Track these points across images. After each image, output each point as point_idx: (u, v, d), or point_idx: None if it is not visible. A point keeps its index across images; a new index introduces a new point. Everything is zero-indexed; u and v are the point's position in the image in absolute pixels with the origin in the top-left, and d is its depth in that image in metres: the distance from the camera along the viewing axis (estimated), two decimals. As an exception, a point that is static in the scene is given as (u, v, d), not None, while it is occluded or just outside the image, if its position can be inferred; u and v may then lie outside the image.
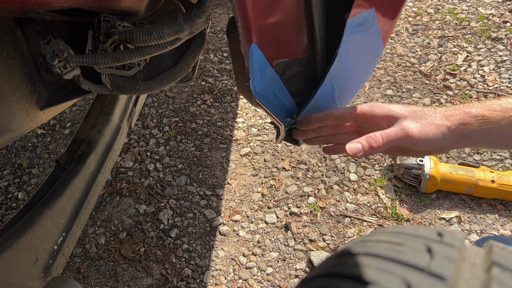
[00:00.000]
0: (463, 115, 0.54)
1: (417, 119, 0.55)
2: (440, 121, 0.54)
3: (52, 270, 0.69)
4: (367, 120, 0.59)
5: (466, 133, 0.53)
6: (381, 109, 0.57)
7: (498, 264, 0.34)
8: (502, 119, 0.52)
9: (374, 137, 0.53)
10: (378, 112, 0.57)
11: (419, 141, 0.53)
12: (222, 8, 2.41)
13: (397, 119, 0.55)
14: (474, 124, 0.53)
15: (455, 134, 0.54)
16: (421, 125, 0.54)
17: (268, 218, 1.36)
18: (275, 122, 0.68)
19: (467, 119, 0.53)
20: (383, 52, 2.00)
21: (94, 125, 0.89)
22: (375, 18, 0.58)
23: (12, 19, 0.52)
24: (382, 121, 0.57)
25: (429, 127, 0.53)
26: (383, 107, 0.57)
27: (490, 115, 0.52)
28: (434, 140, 0.53)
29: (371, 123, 0.59)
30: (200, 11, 0.45)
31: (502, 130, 0.52)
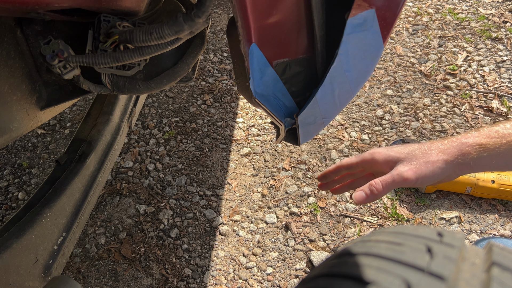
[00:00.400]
0: (460, 146, 0.56)
1: (412, 160, 0.58)
2: (436, 157, 0.57)
3: (52, 270, 0.69)
4: (372, 166, 0.64)
5: (466, 162, 0.55)
6: (381, 155, 0.62)
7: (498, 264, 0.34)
8: (501, 145, 0.54)
9: (374, 185, 0.58)
10: (378, 158, 0.62)
11: (416, 182, 0.57)
12: (222, 8, 2.41)
13: (395, 163, 0.60)
14: (473, 153, 0.55)
15: (454, 165, 0.56)
16: (415, 166, 0.57)
17: (268, 218, 1.36)
18: (275, 122, 0.68)
19: (465, 149, 0.55)
20: (383, 52, 2.00)
21: (94, 125, 0.89)
22: (375, 18, 0.58)
23: (12, 19, 0.52)
24: (384, 166, 0.62)
25: (424, 166, 0.57)
26: (382, 153, 0.62)
27: (487, 143, 0.54)
28: (432, 177, 0.56)
29: (376, 168, 0.64)
30: (200, 11, 0.45)
31: (501, 155, 0.54)
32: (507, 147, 0.54)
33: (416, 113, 1.69)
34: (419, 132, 1.61)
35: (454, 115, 1.66)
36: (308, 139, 0.74)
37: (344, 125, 1.68)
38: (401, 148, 0.60)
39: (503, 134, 0.54)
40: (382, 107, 1.74)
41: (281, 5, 0.53)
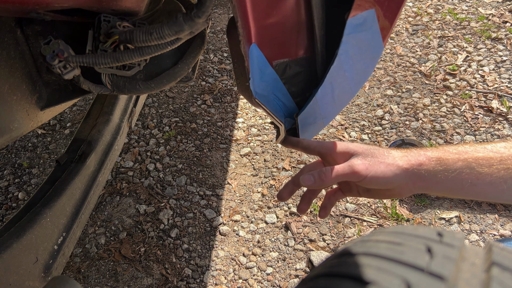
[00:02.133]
0: (417, 156, 0.55)
1: (367, 156, 0.57)
2: (391, 160, 0.56)
3: (52, 270, 0.69)
4: (328, 155, 0.62)
5: (421, 173, 0.54)
6: (340, 146, 0.61)
7: (498, 264, 0.34)
8: (457, 160, 0.53)
9: (324, 172, 0.57)
10: (337, 149, 0.61)
11: (366, 178, 0.55)
12: (222, 8, 2.41)
13: (351, 155, 0.59)
14: (429, 164, 0.54)
15: (408, 174, 0.55)
16: (369, 162, 0.56)
17: (268, 218, 1.36)
18: (275, 122, 0.68)
19: (422, 160, 0.55)
20: (383, 52, 2.00)
21: (94, 125, 0.89)
22: (375, 18, 0.58)
23: (12, 19, 0.52)
24: (339, 157, 0.61)
25: (377, 165, 0.55)
26: (341, 144, 0.61)
27: (445, 157, 0.54)
28: (383, 178, 0.55)
29: (331, 159, 0.62)
30: (200, 11, 0.45)
31: (457, 171, 0.53)
32: (462, 164, 0.53)
33: (416, 113, 1.69)
34: (419, 132, 1.61)
35: (454, 115, 1.66)
36: (308, 139, 0.74)
37: (344, 125, 1.68)
38: (361, 144, 0.60)
39: (461, 152, 0.55)
40: (382, 107, 1.74)
41: (281, 5, 0.53)
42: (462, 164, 0.53)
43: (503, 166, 0.52)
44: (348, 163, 0.57)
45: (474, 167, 0.52)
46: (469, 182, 0.52)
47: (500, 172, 0.52)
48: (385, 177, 0.54)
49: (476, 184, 0.52)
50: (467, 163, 0.53)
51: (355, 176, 0.56)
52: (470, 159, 0.53)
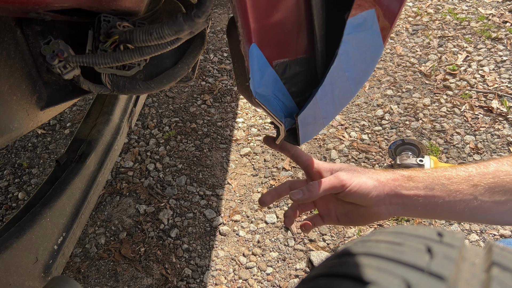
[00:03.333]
0: (393, 174, 0.61)
1: (351, 170, 0.64)
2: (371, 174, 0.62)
3: (52, 270, 0.69)
4: (315, 174, 0.68)
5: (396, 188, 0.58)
6: (325, 165, 0.68)
7: (498, 264, 0.34)
8: (428, 177, 0.58)
9: (312, 184, 0.62)
10: (322, 167, 0.68)
11: (350, 187, 0.60)
12: (222, 8, 2.41)
13: (336, 171, 0.65)
14: (401, 179, 0.59)
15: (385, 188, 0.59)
16: (353, 174, 0.63)
17: (268, 218, 1.36)
18: (275, 122, 0.68)
19: (396, 176, 0.60)
20: (383, 52, 2.00)
21: (94, 125, 0.89)
22: (375, 18, 0.58)
23: (12, 19, 0.52)
24: (326, 174, 0.67)
25: (360, 176, 0.62)
26: (326, 164, 0.68)
27: (415, 175, 0.59)
28: (365, 187, 0.59)
29: (317, 176, 0.68)
30: (200, 11, 0.45)
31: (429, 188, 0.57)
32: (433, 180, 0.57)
33: (416, 113, 1.69)
34: (419, 132, 1.61)
35: (454, 115, 1.66)
36: (308, 139, 0.74)
37: (344, 125, 1.68)
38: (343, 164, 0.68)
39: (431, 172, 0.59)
40: (382, 107, 1.74)
41: (281, 5, 0.53)
42: (433, 181, 0.57)
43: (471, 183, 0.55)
44: (333, 175, 0.63)
45: (445, 184, 0.56)
46: (441, 199, 0.55)
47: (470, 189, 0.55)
48: (366, 186, 0.59)
49: (448, 201, 0.55)
50: (438, 180, 0.57)
51: (340, 186, 0.60)
52: (440, 177, 0.57)
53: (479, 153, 1.51)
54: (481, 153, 1.51)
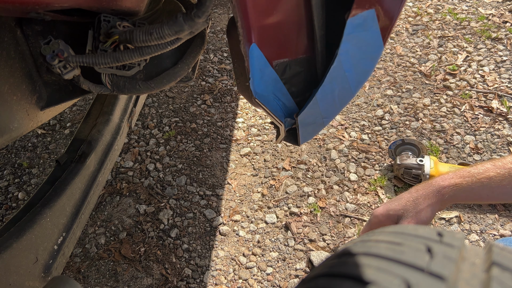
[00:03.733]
0: (438, 189, 0.72)
1: (407, 213, 0.73)
2: (423, 204, 0.72)
3: (52, 270, 0.69)
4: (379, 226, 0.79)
5: (445, 199, 0.71)
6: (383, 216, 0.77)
7: (498, 264, 0.34)
8: (473, 183, 0.68)
9: None
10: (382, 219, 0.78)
11: None
12: (222, 8, 2.41)
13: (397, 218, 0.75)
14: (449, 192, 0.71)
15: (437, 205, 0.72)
16: (413, 218, 0.72)
17: (268, 218, 1.36)
18: (275, 122, 0.68)
19: (443, 191, 0.71)
20: (383, 52, 2.00)
21: (94, 125, 0.89)
22: (375, 18, 0.58)
23: (12, 19, 0.52)
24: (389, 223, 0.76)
25: (418, 216, 0.72)
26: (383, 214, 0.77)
27: (461, 182, 0.70)
28: (428, 220, 0.72)
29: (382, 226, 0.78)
30: (200, 11, 0.45)
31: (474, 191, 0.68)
32: (478, 185, 0.67)
33: (416, 113, 1.69)
34: (419, 132, 1.61)
35: (454, 115, 1.66)
36: (308, 139, 0.74)
37: (344, 125, 1.68)
38: (395, 205, 0.76)
39: (474, 174, 0.69)
40: (382, 107, 1.74)
41: (281, 5, 0.53)
42: (478, 185, 0.67)
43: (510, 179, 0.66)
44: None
45: (487, 185, 0.67)
46: (486, 195, 0.67)
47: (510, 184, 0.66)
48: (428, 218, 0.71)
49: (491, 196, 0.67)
50: (481, 183, 0.67)
51: None
52: (483, 179, 0.67)
53: (479, 153, 1.51)
54: (481, 153, 1.51)
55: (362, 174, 1.48)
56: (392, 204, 0.77)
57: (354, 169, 1.50)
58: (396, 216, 0.75)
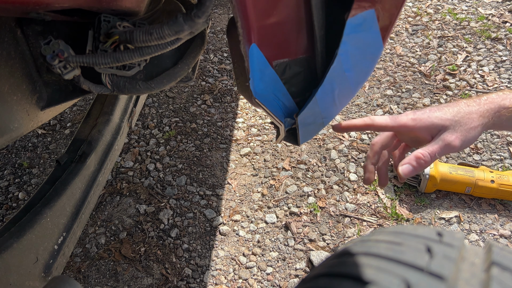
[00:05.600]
0: (497, 109, 0.58)
1: (456, 127, 0.58)
2: (477, 121, 0.58)
3: (53, 270, 0.69)
4: (409, 132, 0.62)
5: (499, 122, 0.58)
6: (423, 122, 0.60)
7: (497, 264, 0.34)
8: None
9: (423, 157, 0.57)
10: (420, 125, 0.61)
11: (460, 148, 0.58)
12: (222, 8, 2.41)
13: (438, 130, 0.59)
14: (507, 114, 0.57)
15: (489, 125, 0.58)
16: (461, 133, 0.58)
17: (268, 218, 1.36)
18: (275, 122, 0.68)
19: (501, 111, 0.58)
20: (383, 52, 2.00)
21: (94, 125, 0.90)
22: (375, 18, 0.58)
23: (12, 19, 0.52)
24: (425, 133, 0.60)
25: (468, 132, 0.58)
26: (424, 120, 0.61)
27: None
28: (473, 141, 0.58)
29: (413, 135, 0.62)
30: (200, 11, 0.45)
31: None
32: None
33: (416, 113, 1.69)
34: (419, 132, 1.61)
35: (454, 115, 1.66)
36: (308, 139, 0.74)
37: (344, 125, 1.68)
38: (443, 114, 0.60)
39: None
40: (381, 107, 1.74)
41: (281, 5, 0.53)
42: None
43: None
44: (443, 142, 0.57)
45: None
46: None
47: None
48: (475, 139, 0.58)
49: None
50: None
51: (452, 150, 0.57)
52: None
53: (479, 153, 1.51)
54: (481, 153, 1.51)
55: (362, 174, 1.48)
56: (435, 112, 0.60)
57: (354, 169, 1.50)
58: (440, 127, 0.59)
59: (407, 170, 0.56)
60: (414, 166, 0.56)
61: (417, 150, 0.58)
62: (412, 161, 0.57)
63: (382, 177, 0.69)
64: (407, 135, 0.63)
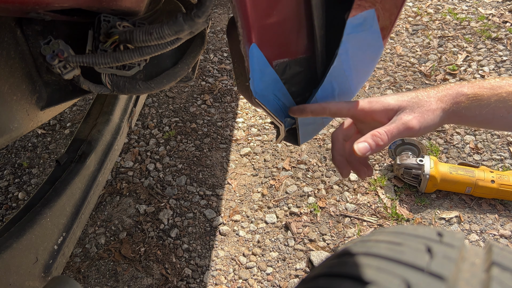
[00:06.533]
0: (456, 95, 0.56)
1: (414, 108, 0.56)
2: (435, 105, 0.56)
3: (52, 270, 0.69)
4: (366, 116, 0.60)
5: (458, 110, 0.56)
6: (379, 104, 0.59)
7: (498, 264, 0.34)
8: (492, 95, 0.55)
9: (379, 135, 0.54)
10: (376, 107, 0.58)
11: (419, 131, 0.55)
12: (222, 8, 2.41)
13: (395, 111, 0.57)
14: (466, 101, 0.56)
15: (448, 113, 0.56)
16: (419, 114, 0.56)
17: (268, 218, 1.36)
18: (275, 122, 0.68)
19: (460, 98, 0.56)
20: (383, 52, 2.00)
21: (94, 125, 0.89)
22: (375, 18, 0.58)
23: (12, 19, 0.52)
24: (381, 116, 0.58)
25: (426, 114, 0.56)
26: (380, 102, 0.59)
27: (481, 93, 0.55)
28: (433, 125, 0.56)
29: (370, 119, 0.60)
30: (200, 11, 0.45)
31: (491, 106, 0.55)
32: (497, 98, 0.55)
33: (416, 113, 1.69)
34: (419, 132, 1.61)
35: (454, 115, 1.66)
36: (308, 139, 0.74)
37: (344, 125, 1.68)
38: (399, 96, 0.58)
39: (495, 87, 0.55)
40: (382, 107, 1.74)
41: (281, 5, 0.53)
42: (497, 99, 0.54)
43: None
44: (400, 121, 0.56)
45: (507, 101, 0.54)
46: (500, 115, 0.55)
47: None
48: (435, 124, 0.56)
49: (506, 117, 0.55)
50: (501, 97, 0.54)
51: (410, 132, 0.55)
52: (504, 93, 0.54)
53: (479, 153, 1.51)
54: (481, 153, 1.51)
55: (362, 174, 1.48)
56: (391, 95, 0.59)
57: (354, 169, 1.50)
58: (397, 108, 0.57)
59: (363, 148, 0.54)
60: (370, 143, 0.54)
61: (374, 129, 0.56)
62: (368, 139, 0.54)
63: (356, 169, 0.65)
64: (365, 122, 0.61)
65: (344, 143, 0.64)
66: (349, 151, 0.65)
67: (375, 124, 0.58)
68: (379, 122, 0.58)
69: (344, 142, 0.64)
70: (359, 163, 0.64)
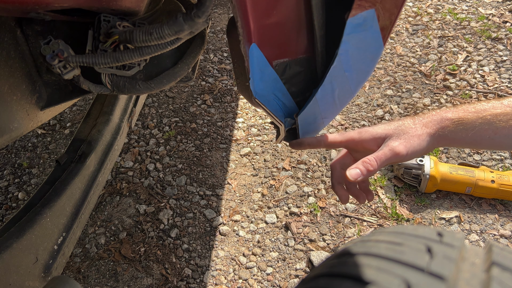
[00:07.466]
0: (440, 120, 0.60)
1: (400, 135, 0.61)
2: (420, 130, 0.60)
3: (52, 270, 0.69)
4: (357, 145, 0.65)
5: (444, 134, 0.60)
6: (368, 134, 0.64)
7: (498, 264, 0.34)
8: (477, 119, 0.58)
9: (369, 161, 0.59)
10: (366, 137, 0.64)
11: (406, 156, 0.59)
12: (222, 8, 2.41)
13: (383, 139, 0.62)
14: (451, 126, 0.59)
15: (435, 138, 0.60)
16: (405, 140, 0.60)
17: (268, 218, 1.36)
18: (275, 122, 0.68)
19: (444, 123, 0.60)
20: (383, 52, 2.00)
21: (94, 125, 0.89)
22: (375, 18, 0.58)
23: (12, 19, 0.52)
24: (371, 144, 0.63)
25: (412, 139, 0.60)
26: (369, 131, 0.64)
27: (465, 116, 0.59)
28: (420, 150, 0.60)
29: (361, 147, 0.65)
30: (200, 11, 0.45)
31: (477, 129, 0.58)
32: (482, 121, 0.58)
33: (416, 113, 1.69)
34: (419, 132, 1.61)
35: (454, 115, 1.66)
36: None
37: (344, 125, 1.68)
38: (386, 125, 0.63)
39: (480, 110, 0.59)
40: (382, 107, 1.74)
41: (281, 5, 0.53)
42: (482, 122, 0.58)
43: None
44: (387, 147, 0.60)
45: (492, 123, 0.57)
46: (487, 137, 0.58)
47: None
48: (422, 148, 0.60)
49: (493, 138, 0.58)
50: (486, 120, 0.58)
51: (398, 158, 0.59)
52: (489, 115, 0.58)
53: (479, 153, 1.51)
54: (481, 153, 1.51)
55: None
56: (380, 125, 0.63)
57: (354, 169, 1.50)
58: (384, 136, 0.61)
59: (354, 174, 0.59)
60: (361, 169, 0.59)
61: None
62: (359, 165, 0.59)
63: (355, 195, 0.70)
64: (358, 151, 0.67)
65: (341, 171, 0.69)
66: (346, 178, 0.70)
67: (367, 152, 0.63)
68: (370, 150, 0.63)
69: (342, 170, 0.69)
70: (357, 189, 0.70)
